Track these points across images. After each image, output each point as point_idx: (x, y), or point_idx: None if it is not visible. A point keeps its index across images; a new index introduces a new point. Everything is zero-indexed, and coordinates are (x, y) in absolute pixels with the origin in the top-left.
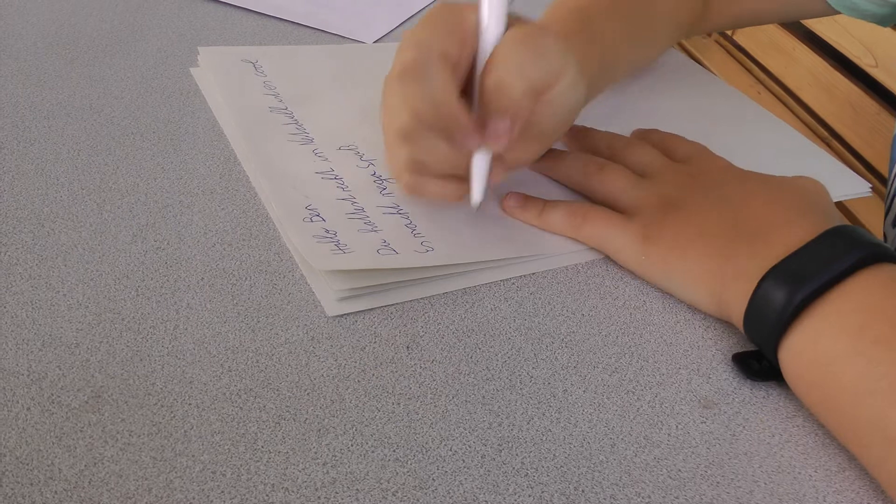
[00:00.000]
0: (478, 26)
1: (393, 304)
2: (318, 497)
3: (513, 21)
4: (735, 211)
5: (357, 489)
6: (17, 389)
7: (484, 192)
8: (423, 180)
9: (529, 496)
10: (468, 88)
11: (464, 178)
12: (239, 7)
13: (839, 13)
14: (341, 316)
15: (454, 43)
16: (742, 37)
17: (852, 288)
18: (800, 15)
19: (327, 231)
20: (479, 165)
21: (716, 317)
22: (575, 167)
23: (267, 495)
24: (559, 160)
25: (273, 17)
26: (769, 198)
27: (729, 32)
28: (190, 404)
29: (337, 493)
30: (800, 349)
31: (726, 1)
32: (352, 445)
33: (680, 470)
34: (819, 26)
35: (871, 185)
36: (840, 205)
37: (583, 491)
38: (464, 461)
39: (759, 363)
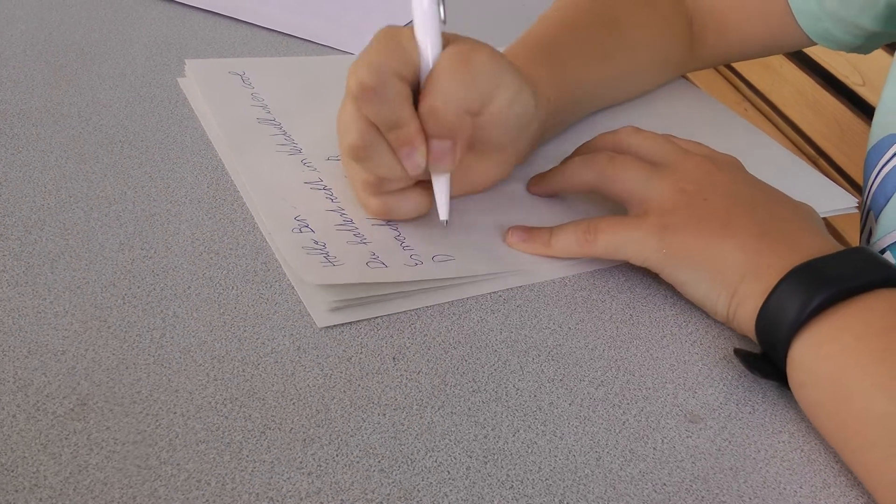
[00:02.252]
0: (417, 49)
1: (380, 316)
2: None
3: (449, 40)
4: (760, 210)
5: (342, 499)
6: (2, 396)
7: (449, 210)
8: (388, 200)
9: None
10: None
11: (428, 185)
12: (227, 17)
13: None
14: (328, 326)
15: (405, 63)
16: None
17: (878, 298)
18: (783, 48)
19: (316, 242)
20: (439, 186)
21: (715, 316)
22: (582, 168)
23: None
24: (562, 170)
25: (262, 27)
26: (792, 207)
27: None
28: (175, 413)
29: (322, 503)
30: (819, 341)
31: (714, 40)
32: (337, 456)
33: (665, 484)
34: None
35: (857, 201)
36: (826, 220)
37: None
38: (449, 473)
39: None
